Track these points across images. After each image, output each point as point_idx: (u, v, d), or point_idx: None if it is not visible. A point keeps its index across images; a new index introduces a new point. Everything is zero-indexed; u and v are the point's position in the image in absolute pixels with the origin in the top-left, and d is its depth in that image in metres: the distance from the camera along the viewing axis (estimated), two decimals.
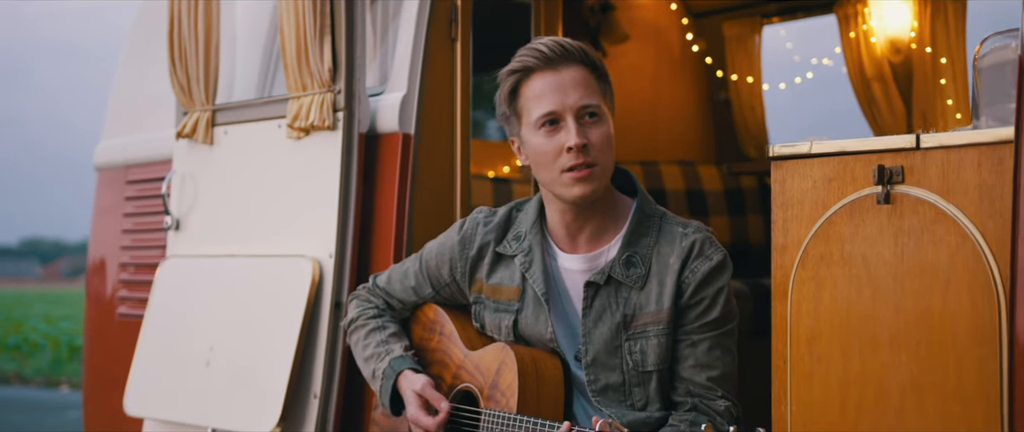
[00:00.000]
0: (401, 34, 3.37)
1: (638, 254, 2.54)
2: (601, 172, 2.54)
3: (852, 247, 2.36)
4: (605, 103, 2.56)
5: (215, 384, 3.43)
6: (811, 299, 2.41)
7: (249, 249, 3.52)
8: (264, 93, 3.77)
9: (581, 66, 2.55)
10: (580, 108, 2.51)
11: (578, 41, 2.59)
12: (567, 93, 2.52)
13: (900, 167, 2.29)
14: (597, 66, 2.59)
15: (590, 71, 2.56)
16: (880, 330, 2.31)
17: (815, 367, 2.40)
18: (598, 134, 2.53)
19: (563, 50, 2.54)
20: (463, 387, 2.68)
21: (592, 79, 2.56)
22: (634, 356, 2.53)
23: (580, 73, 2.54)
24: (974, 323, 2.19)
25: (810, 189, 2.43)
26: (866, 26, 4.82)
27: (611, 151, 2.56)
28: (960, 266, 2.21)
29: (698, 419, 2.49)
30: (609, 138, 2.55)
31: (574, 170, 2.51)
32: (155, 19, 4.55)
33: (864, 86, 4.86)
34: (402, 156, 3.28)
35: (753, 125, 5.19)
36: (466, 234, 2.72)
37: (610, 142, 2.55)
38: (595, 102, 2.53)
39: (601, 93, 2.56)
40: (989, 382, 2.16)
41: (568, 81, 2.53)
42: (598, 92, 2.55)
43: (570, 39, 2.60)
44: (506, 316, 2.64)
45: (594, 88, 2.55)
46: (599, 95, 2.55)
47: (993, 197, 2.17)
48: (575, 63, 2.54)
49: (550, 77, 2.53)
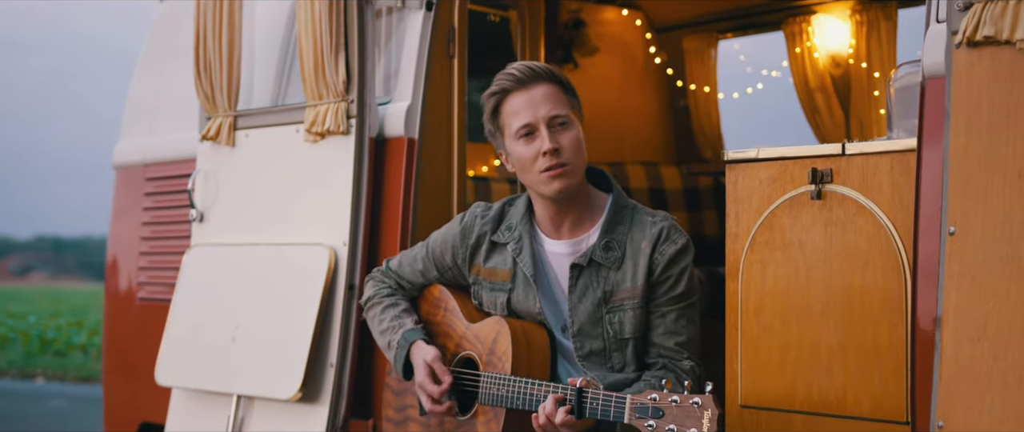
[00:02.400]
0: (406, 51, 3.81)
1: (615, 240, 2.99)
2: (573, 170, 2.97)
3: (791, 234, 2.83)
4: (573, 112, 3.00)
5: (241, 357, 3.88)
6: (758, 277, 2.90)
7: (270, 238, 3.96)
8: (279, 97, 4.22)
9: (548, 83, 2.99)
10: (550, 118, 2.95)
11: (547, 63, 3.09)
12: (538, 107, 2.96)
13: (829, 170, 2.79)
14: (563, 82, 3.02)
15: (557, 86, 3.00)
16: (813, 302, 2.79)
17: (761, 332, 2.89)
18: (568, 138, 2.96)
19: (532, 72, 2.98)
20: (465, 354, 3.13)
21: (560, 93, 2.99)
22: (613, 326, 2.97)
23: (548, 89, 2.98)
24: (886, 295, 2.68)
25: (757, 187, 2.92)
26: (810, 43, 5.23)
27: (581, 152, 2.99)
28: (876, 250, 2.70)
29: (666, 376, 2.93)
30: (578, 141, 2.98)
31: (550, 170, 2.95)
32: (171, 27, 4.99)
33: (808, 96, 5.27)
34: (407, 158, 3.73)
35: (709, 130, 5.58)
36: (466, 225, 3.18)
37: (579, 144, 2.98)
38: (563, 112, 2.97)
39: (568, 104, 2.99)
40: (898, 341, 2.65)
41: (539, 97, 2.97)
42: (566, 104, 2.98)
43: (538, 62, 3.07)
44: (500, 294, 3.08)
45: (562, 100, 2.98)
46: (567, 106, 2.98)
47: (902, 194, 2.66)
48: (543, 81, 2.98)
49: (523, 95, 2.97)
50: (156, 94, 4.93)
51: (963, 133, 2.37)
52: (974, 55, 2.37)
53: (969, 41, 2.37)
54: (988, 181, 2.34)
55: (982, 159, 2.35)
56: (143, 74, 5.07)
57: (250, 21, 4.21)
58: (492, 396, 2.95)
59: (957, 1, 2.40)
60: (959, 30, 2.39)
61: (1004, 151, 2.32)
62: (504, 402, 2.92)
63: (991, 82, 2.35)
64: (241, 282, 3.97)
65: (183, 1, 4.93)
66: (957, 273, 2.36)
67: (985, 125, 2.35)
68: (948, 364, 2.36)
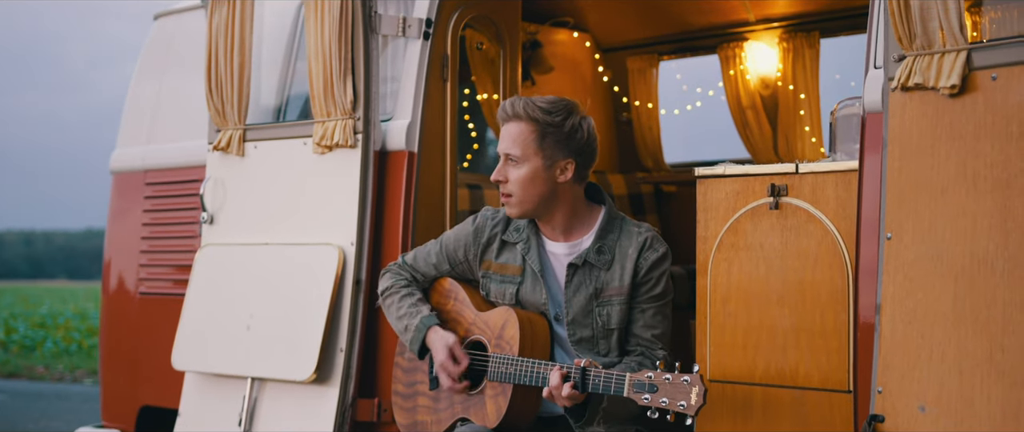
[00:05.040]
0: (405, 75, 4.32)
1: (606, 245, 3.49)
2: (517, 201, 3.44)
3: (752, 238, 3.39)
4: (534, 152, 3.36)
5: (255, 343, 4.36)
6: (724, 273, 3.45)
7: (280, 239, 4.44)
8: (280, 109, 4.71)
9: (520, 121, 3.37)
10: (505, 154, 3.45)
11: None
12: (504, 141, 3.46)
13: (785, 185, 3.36)
14: (539, 121, 3.35)
15: (529, 125, 3.36)
16: (771, 293, 3.35)
17: (727, 319, 3.45)
18: (515, 174, 3.39)
19: (510, 110, 3.43)
20: (474, 338, 3.59)
21: (528, 132, 3.36)
22: (602, 317, 3.46)
23: (517, 127, 3.38)
24: (832, 288, 3.25)
25: (724, 198, 3.47)
26: (742, 66, 5.75)
27: (528, 186, 3.37)
28: (823, 251, 3.27)
29: (644, 363, 3.43)
30: (523, 178, 3.37)
31: (501, 197, 3.50)
32: (165, 42, 5.43)
33: (740, 113, 5.77)
34: (408, 168, 4.22)
35: (650, 142, 6.03)
36: (479, 226, 3.65)
37: (524, 180, 3.37)
38: (516, 151, 3.36)
39: (533, 144, 3.35)
40: (841, 326, 3.23)
41: (507, 133, 3.44)
42: (528, 143, 3.35)
43: (524, 100, 3.39)
44: (510, 286, 3.57)
45: (525, 140, 3.36)
46: (527, 145, 3.35)
47: (845, 206, 3.24)
48: (516, 119, 3.39)
49: (504, 127, 3.47)
50: (154, 105, 5.36)
51: (898, 159, 2.98)
52: (906, 97, 2.98)
53: (903, 86, 2.98)
54: (917, 197, 2.95)
55: (912, 180, 2.95)
56: (139, 85, 5.49)
57: (257, 40, 4.68)
58: (501, 374, 3.43)
59: (893, 54, 3.01)
60: (895, 77, 3.00)
61: (930, 174, 2.93)
62: (512, 379, 3.40)
63: (919, 119, 2.96)
64: (255, 277, 4.45)
65: (174, 17, 5.39)
66: (893, 270, 2.96)
67: (914, 152, 2.96)
68: (886, 342, 2.96)
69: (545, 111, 3.39)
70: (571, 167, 3.42)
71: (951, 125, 2.89)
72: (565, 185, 3.44)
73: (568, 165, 3.41)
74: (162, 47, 5.43)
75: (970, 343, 2.82)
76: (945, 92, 2.90)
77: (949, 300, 2.86)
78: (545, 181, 3.41)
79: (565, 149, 3.41)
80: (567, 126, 3.40)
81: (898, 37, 2.98)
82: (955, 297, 2.85)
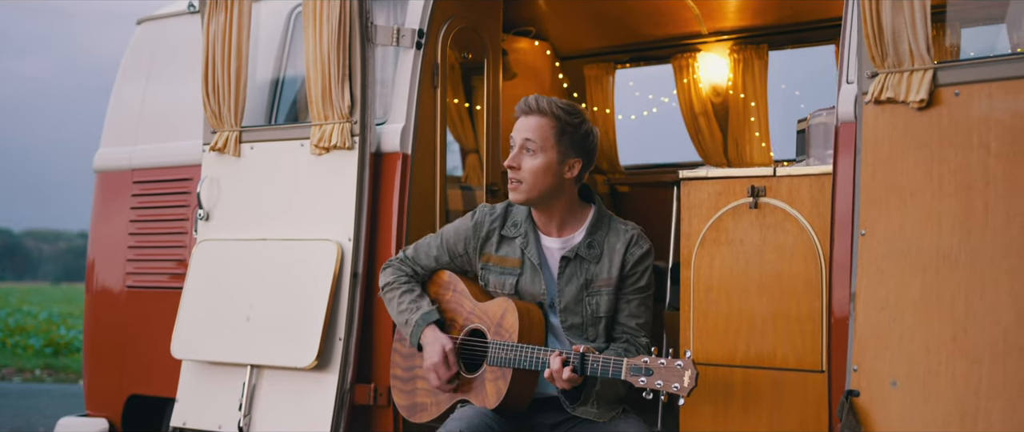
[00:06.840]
0: (399, 81, 4.57)
1: (596, 240, 3.77)
2: (526, 188, 3.69)
3: (733, 234, 3.70)
4: (552, 145, 3.60)
5: (256, 332, 4.59)
6: (706, 266, 3.76)
7: (278, 234, 4.67)
8: (271, 110, 4.95)
9: (543, 116, 3.64)
10: (523, 141, 3.70)
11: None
12: (520, 131, 3.72)
13: (763, 187, 3.67)
14: (561, 119, 3.63)
15: (551, 120, 3.62)
16: (750, 283, 3.67)
17: (709, 307, 3.76)
18: (529, 162, 3.65)
19: (534, 104, 3.70)
20: (473, 326, 3.84)
21: (548, 126, 3.62)
22: (591, 306, 3.74)
23: (538, 121, 3.64)
24: (806, 279, 3.58)
25: (706, 199, 3.78)
26: (695, 75, 6.05)
27: (540, 176, 3.61)
28: (799, 246, 3.61)
29: (629, 348, 3.71)
30: (536, 167, 3.61)
31: (510, 182, 3.78)
32: (148, 46, 5.62)
33: (693, 119, 6.06)
34: (401, 169, 4.48)
35: (606, 146, 6.30)
36: (478, 221, 3.90)
37: (537, 170, 3.61)
38: (536, 141, 3.62)
39: (552, 138, 3.60)
40: (815, 313, 3.57)
41: (528, 124, 3.70)
42: (548, 136, 3.60)
43: (549, 98, 3.73)
44: (510, 278, 3.83)
45: (545, 133, 3.61)
46: (546, 138, 3.60)
47: (819, 205, 3.58)
48: (540, 114, 3.69)
49: (525, 119, 3.73)
50: (140, 107, 5.55)
51: (871, 165, 3.35)
52: (878, 109, 3.36)
53: (875, 100, 3.35)
54: (887, 198, 3.31)
55: (884, 183, 3.31)
56: (123, 88, 5.67)
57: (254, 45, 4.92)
58: (501, 359, 3.68)
59: (867, 71, 3.38)
60: (868, 91, 3.37)
61: (899, 178, 3.30)
62: (512, 363, 3.66)
63: (890, 129, 3.33)
64: (253, 271, 4.68)
65: (158, 23, 5.60)
66: (866, 262, 3.33)
67: (886, 159, 3.33)
68: (860, 326, 3.32)
69: (566, 111, 3.68)
70: (578, 166, 3.71)
71: (919, 135, 3.26)
72: (569, 182, 3.72)
73: (575, 164, 3.70)
74: (145, 51, 5.62)
75: (936, 326, 3.18)
76: (914, 106, 3.27)
77: (917, 289, 3.22)
78: (555, 174, 3.68)
79: (576, 149, 3.70)
80: (582, 129, 3.71)
81: (871, 56, 3.36)
82: (923, 286, 3.21)
